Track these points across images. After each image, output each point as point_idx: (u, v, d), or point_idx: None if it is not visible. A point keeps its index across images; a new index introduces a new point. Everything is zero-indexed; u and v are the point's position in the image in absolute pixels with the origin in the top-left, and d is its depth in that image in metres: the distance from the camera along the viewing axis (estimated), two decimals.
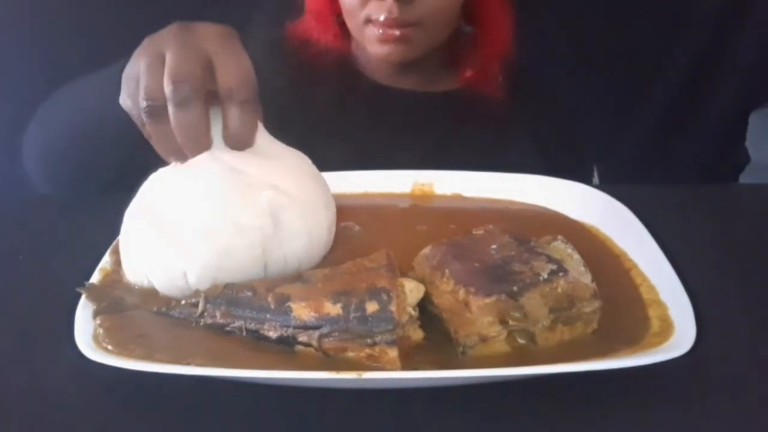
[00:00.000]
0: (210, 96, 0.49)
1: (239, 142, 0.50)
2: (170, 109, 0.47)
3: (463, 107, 0.89)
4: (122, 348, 0.42)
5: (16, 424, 0.42)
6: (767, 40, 1.26)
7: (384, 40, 0.79)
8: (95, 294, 0.47)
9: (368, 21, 0.79)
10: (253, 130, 0.50)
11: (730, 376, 0.45)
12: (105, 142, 0.66)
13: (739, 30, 1.26)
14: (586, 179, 0.89)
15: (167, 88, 0.47)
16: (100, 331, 0.43)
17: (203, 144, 0.49)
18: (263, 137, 0.54)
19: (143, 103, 0.48)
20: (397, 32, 0.78)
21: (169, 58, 0.48)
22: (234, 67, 0.48)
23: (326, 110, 0.85)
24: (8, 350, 0.48)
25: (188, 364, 0.40)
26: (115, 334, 0.43)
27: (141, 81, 0.49)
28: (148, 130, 0.49)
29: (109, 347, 0.42)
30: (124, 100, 0.53)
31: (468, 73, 0.88)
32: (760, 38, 1.26)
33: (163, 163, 0.52)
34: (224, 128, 0.49)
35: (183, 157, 0.50)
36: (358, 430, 0.41)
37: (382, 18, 0.77)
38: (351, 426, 0.41)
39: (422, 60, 0.85)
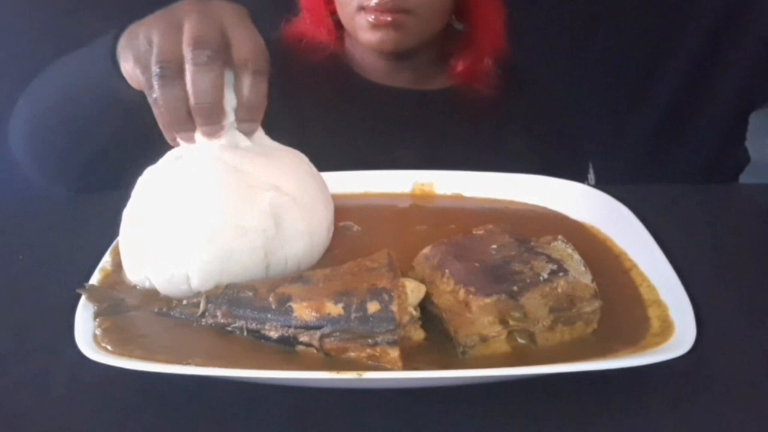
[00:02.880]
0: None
1: (250, 110, 0.51)
2: (189, 70, 0.48)
3: (456, 105, 0.89)
4: (122, 348, 0.42)
5: (16, 424, 0.42)
6: (767, 40, 1.26)
7: (376, 25, 0.79)
8: (95, 295, 0.47)
9: (361, 8, 0.79)
10: (263, 101, 0.51)
11: (730, 376, 0.45)
12: (98, 112, 0.66)
13: (739, 30, 1.26)
14: (581, 177, 0.90)
15: (187, 50, 0.48)
16: (99, 331, 0.43)
17: (217, 110, 0.49)
18: (261, 136, 0.54)
19: (156, 67, 0.49)
20: (389, 17, 0.78)
21: (188, 26, 0.49)
22: (248, 39, 0.50)
23: (320, 109, 0.86)
24: (8, 350, 0.48)
25: (188, 364, 0.40)
26: (115, 335, 0.43)
27: (156, 44, 0.49)
28: (157, 94, 0.49)
29: (109, 347, 0.42)
30: (130, 67, 0.54)
31: (460, 68, 0.89)
32: (760, 38, 1.26)
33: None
34: (237, 99, 0.50)
35: (188, 127, 0.49)
36: (358, 430, 0.41)
37: (374, 2, 0.77)
38: (351, 426, 0.41)
39: (415, 56, 0.85)
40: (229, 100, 0.51)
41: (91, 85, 0.63)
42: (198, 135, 0.50)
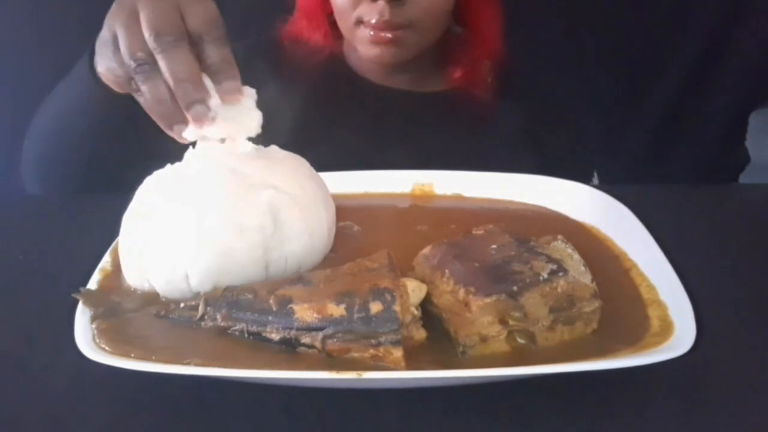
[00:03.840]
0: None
1: (222, 71, 0.50)
2: (158, 59, 0.48)
3: (454, 107, 0.89)
4: (121, 349, 0.41)
5: (16, 424, 0.42)
6: (767, 40, 1.26)
7: (375, 41, 0.79)
8: (92, 299, 0.47)
9: (360, 22, 0.79)
10: (232, 63, 0.51)
11: (730, 376, 0.45)
12: (78, 135, 0.67)
13: (739, 30, 1.26)
14: (585, 180, 0.89)
15: (150, 40, 0.48)
16: (96, 333, 0.43)
17: (196, 86, 0.49)
18: (260, 148, 0.54)
19: (131, 63, 0.49)
20: (388, 35, 0.78)
21: (143, 15, 0.49)
22: (200, 10, 0.50)
23: (318, 109, 0.85)
24: (8, 350, 0.48)
25: (188, 364, 0.40)
26: (113, 337, 0.43)
27: (122, 42, 0.50)
28: (140, 89, 0.49)
29: (108, 348, 0.42)
30: (104, 69, 0.54)
31: (458, 74, 0.89)
32: (760, 38, 1.26)
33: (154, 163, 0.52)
34: (206, 70, 0.50)
35: (179, 117, 0.49)
36: (358, 430, 0.41)
37: (373, 20, 0.77)
38: (351, 426, 0.41)
39: (413, 60, 0.85)
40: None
41: (83, 106, 0.65)
42: (193, 135, 0.50)
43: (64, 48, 0.66)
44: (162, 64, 0.48)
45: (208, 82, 0.50)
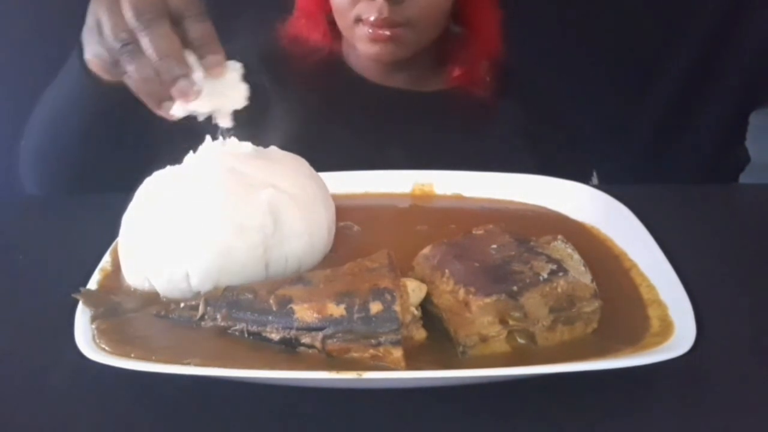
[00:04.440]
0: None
1: (204, 46, 0.50)
2: (140, 38, 0.48)
3: (453, 107, 0.89)
4: (121, 349, 0.41)
5: (15, 424, 0.42)
6: (767, 40, 1.26)
7: (374, 39, 0.79)
8: (92, 299, 0.47)
9: (358, 20, 0.80)
10: (214, 37, 0.51)
11: (730, 376, 0.45)
12: (71, 130, 0.68)
13: (739, 30, 1.26)
14: (584, 180, 0.90)
15: (132, 20, 0.49)
16: (96, 333, 0.43)
17: (180, 62, 0.49)
18: (261, 149, 0.55)
19: (115, 45, 0.50)
20: (387, 32, 0.78)
21: None
22: None
23: (317, 108, 0.86)
24: (7, 350, 0.48)
25: (188, 364, 0.40)
26: (113, 337, 0.43)
27: (105, 25, 0.50)
28: (128, 70, 0.50)
29: (107, 348, 0.42)
30: (91, 56, 0.55)
31: (456, 73, 0.89)
32: (760, 38, 1.26)
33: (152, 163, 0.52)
34: (190, 47, 0.50)
35: (165, 94, 0.50)
36: (359, 430, 0.41)
37: (372, 18, 0.77)
38: (351, 426, 0.41)
39: (412, 59, 0.86)
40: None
41: (74, 99, 0.66)
42: (181, 111, 0.50)
43: (64, 48, 0.66)
44: (144, 41, 0.48)
45: (192, 57, 0.50)
